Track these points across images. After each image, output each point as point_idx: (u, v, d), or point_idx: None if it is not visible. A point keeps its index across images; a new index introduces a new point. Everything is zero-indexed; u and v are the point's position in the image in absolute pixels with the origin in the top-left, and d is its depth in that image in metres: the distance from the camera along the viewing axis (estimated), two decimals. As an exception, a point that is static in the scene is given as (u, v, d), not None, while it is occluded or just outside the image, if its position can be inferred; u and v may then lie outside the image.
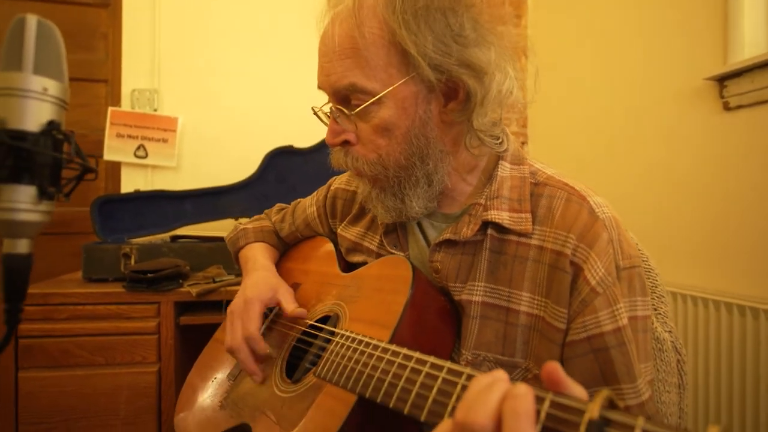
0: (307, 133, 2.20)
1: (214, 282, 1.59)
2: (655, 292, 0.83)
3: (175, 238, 1.82)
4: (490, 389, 0.38)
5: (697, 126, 1.66)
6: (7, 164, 0.40)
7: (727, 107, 1.56)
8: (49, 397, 1.45)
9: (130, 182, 2.20)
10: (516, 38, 0.64)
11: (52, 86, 0.43)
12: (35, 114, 0.42)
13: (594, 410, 0.34)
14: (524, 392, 0.36)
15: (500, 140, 0.70)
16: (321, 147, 2.12)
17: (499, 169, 0.69)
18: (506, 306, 0.63)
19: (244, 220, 1.12)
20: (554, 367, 0.39)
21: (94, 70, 2.30)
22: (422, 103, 0.64)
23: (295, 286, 0.91)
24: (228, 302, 1.55)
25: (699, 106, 1.65)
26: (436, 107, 0.65)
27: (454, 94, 0.64)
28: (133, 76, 2.23)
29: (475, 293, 0.65)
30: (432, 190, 0.68)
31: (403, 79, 0.62)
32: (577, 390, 0.39)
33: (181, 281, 1.56)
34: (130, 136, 2.16)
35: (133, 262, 1.62)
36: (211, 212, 1.94)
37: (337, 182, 0.97)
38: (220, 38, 2.32)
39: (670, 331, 0.83)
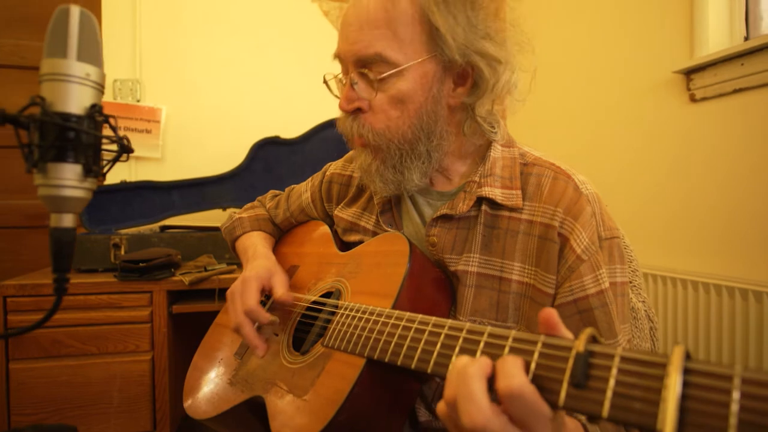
0: (294, 123, 2.24)
1: (206, 270, 1.61)
2: (630, 266, 0.91)
3: (164, 228, 1.83)
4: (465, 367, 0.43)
5: (666, 116, 1.76)
6: (55, 144, 0.44)
7: (693, 99, 1.67)
8: (41, 387, 1.46)
9: (113, 174, 2.19)
10: (526, 39, 0.70)
11: (93, 72, 0.46)
12: (79, 98, 0.45)
13: (580, 345, 0.41)
14: (516, 372, 0.41)
15: (494, 128, 0.76)
16: (308, 137, 2.15)
17: (492, 151, 0.75)
18: (499, 275, 0.70)
19: (236, 210, 1.15)
20: (550, 313, 0.45)
21: (73, 60, 2.27)
22: (437, 82, 0.69)
23: (293, 268, 0.95)
24: (222, 290, 1.58)
25: (668, 97, 1.75)
26: (446, 88, 0.70)
27: (463, 80, 0.70)
28: (113, 65, 2.20)
29: (470, 264, 0.71)
30: (430, 165, 0.74)
31: (426, 56, 0.67)
32: (568, 334, 0.45)
33: (173, 270, 1.58)
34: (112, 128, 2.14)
35: (123, 252, 1.63)
36: (198, 203, 1.95)
37: (333, 168, 1.01)
38: (204, 26, 2.31)
39: (643, 301, 0.91)
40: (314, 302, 0.80)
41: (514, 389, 0.39)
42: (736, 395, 0.32)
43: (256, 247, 0.96)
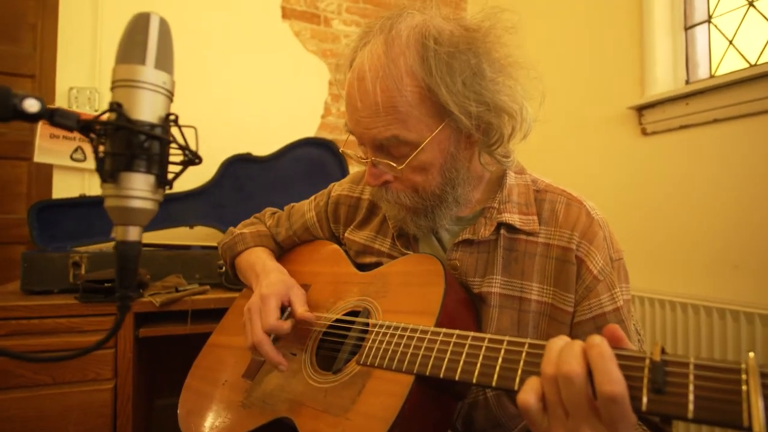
0: (266, 140, 2.20)
1: (177, 291, 1.52)
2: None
3: (128, 246, 1.71)
4: (570, 345, 0.46)
5: (621, 147, 1.93)
6: (131, 153, 0.41)
7: (644, 132, 1.84)
8: (-17, 424, 1.29)
9: (64, 187, 2.03)
10: (533, 80, 0.73)
11: (168, 80, 0.44)
12: (153, 105, 0.43)
13: (656, 355, 0.44)
14: (601, 340, 0.45)
15: (508, 157, 0.79)
16: (280, 155, 2.12)
17: (507, 178, 0.79)
18: (519, 296, 0.73)
19: (239, 226, 1.10)
20: (614, 327, 0.48)
21: (19, 63, 2.09)
22: (453, 142, 0.72)
23: (303, 287, 0.93)
24: (196, 312, 1.50)
25: (623, 130, 1.92)
26: (462, 143, 0.73)
27: (477, 130, 0.72)
28: (69, 72, 2.07)
29: (493, 286, 0.74)
30: (458, 207, 0.78)
31: (438, 127, 0.70)
32: (632, 346, 0.48)
33: (141, 291, 1.48)
34: (66, 137, 1.99)
35: (83, 271, 1.50)
36: (164, 219, 1.85)
37: (338, 189, 1.00)
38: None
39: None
40: (338, 320, 0.79)
41: (618, 394, 0.41)
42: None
43: (265, 262, 0.94)
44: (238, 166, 2.03)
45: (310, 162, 2.18)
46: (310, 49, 2.53)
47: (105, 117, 0.42)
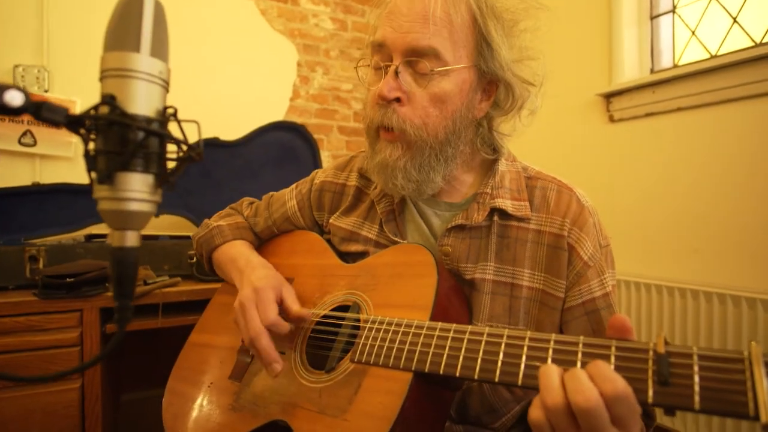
0: (232, 124, 2.11)
1: (146, 284, 1.46)
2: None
3: (90, 238, 1.62)
4: (574, 375, 0.45)
5: (589, 133, 1.98)
6: (125, 150, 0.38)
7: (612, 119, 1.90)
8: (-65, 432, 1.20)
9: (12, 174, 1.87)
10: (545, 66, 0.76)
11: (164, 69, 0.41)
12: (150, 97, 0.39)
13: (659, 347, 0.45)
14: (615, 375, 0.44)
15: (502, 144, 0.80)
16: (249, 140, 2.05)
17: (499, 164, 0.79)
18: (511, 282, 0.74)
19: (213, 218, 1.06)
20: (623, 319, 0.49)
21: (-46, 37, 1.91)
22: (472, 90, 0.72)
23: (288, 281, 0.90)
24: (167, 305, 1.44)
25: (591, 117, 1.97)
26: (477, 99, 0.74)
27: (488, 94, 0.74)
28: (13, 49, 1.90)
29: (486, 272, 0.74)
30: (448, 170, 0.76)
31: (470, 63, 0.70)
32: (635, 338, 0.50)
33: (107, 285, 1.40)
34: (13, 120, 1.84)
35: (42, 265, 1.40)
36: (127, 208, 1.75)
37: (322, 176, 0.97)
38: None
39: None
40: (326, 316, 0.77)
41: (620, 391, 0.42)
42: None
43: (248, 257, 0.90)
44: (205, 151, 1.94)
45: (280, 147, 2.11)
46: (277, 28, 2.44)
47: (95, 110, 0.38)
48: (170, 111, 0.40)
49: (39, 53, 1.93)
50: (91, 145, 0.38)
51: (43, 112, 0.35)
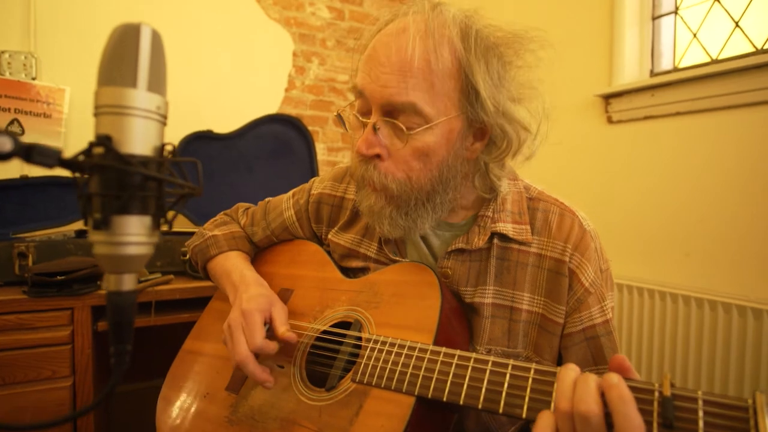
0: (226, 116, 2.07)
1: (139, 282, 1.44)
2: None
3: (81, 233, 1.58)
4: (585, 381, 0.47)
5: (587, 133, 1.97)
6: (122, 194, 0.36)
7: (610, 121, 1.89)
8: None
9: (6, 166, 1.83)
10: (545, 103, 0.71)
11: (162, 104, 0.39)
12: (146, 135, 0.37)
13: (665, 389, 0.45)
14: (619, 380, 0.45)
15: (501, 181, 0.76)
16: (243, 133, 2.01)
17: (501, 186, 0.78)
18: (510, 305, 0.73)
19: (207, 225, 1.03)
20: (622, 358, 0.49)
21: (-64, 20, 1.84)
22: (460, 138, 0.68)
23: (286, 292, 0.89)
24: (160, 303, 1.43)
25: (590, 118, 1.96)
26: (467, 143, 0.70)
27: (482, 135, 0.70)
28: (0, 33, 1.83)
29: (486, 296, 0.74)
30: (442, 213, 0.73)
31: (456, 113, 0.66)
32: (637, 376, 0.49)
33: (99, 282, 1.38)
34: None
35: (31, 262, 1.38)
36: (118, 202, 1.72)
37: (320, 186, 0.95)
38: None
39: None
40: (326, 332, 0.76)
41: (637, 426, 0.42)
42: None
43: (242, 271, 0.88)
44: (198, 144, 1.91)
45: (275, 140, 2.08)
46: (273, 16, 2.38)
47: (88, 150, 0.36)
48: (168, 149, 0.38)
49: (26, 38, 1.87)
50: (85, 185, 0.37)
51: (34, 156, 0.33)
